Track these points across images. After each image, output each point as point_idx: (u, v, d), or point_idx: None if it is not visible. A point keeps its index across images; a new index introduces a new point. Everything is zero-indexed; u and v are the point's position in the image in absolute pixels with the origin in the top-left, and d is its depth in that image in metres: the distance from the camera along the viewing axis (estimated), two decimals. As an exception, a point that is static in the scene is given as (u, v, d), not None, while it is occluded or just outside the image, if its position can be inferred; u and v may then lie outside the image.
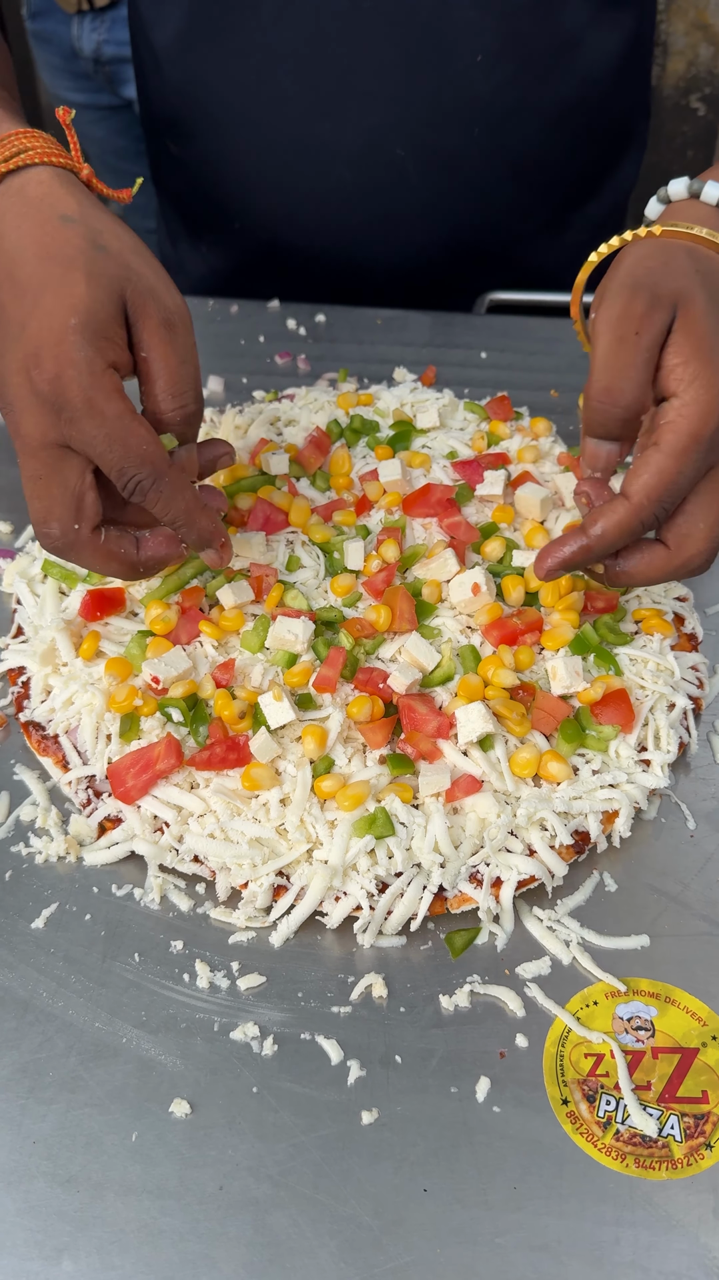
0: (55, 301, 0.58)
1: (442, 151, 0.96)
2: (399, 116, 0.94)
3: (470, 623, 0.72)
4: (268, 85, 0.95)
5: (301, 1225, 0.52)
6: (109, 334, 0.59)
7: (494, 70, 0.92)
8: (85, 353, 0.58)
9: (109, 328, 0.59)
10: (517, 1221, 0.52)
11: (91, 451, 0.59)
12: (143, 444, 0.59)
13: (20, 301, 0.59)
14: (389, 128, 0.95)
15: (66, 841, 0.64)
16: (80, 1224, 0.52)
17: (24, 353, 0.58)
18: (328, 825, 0.62)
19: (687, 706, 0.69)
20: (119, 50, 1.95)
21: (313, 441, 0.83)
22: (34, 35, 2.03)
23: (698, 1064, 0.57)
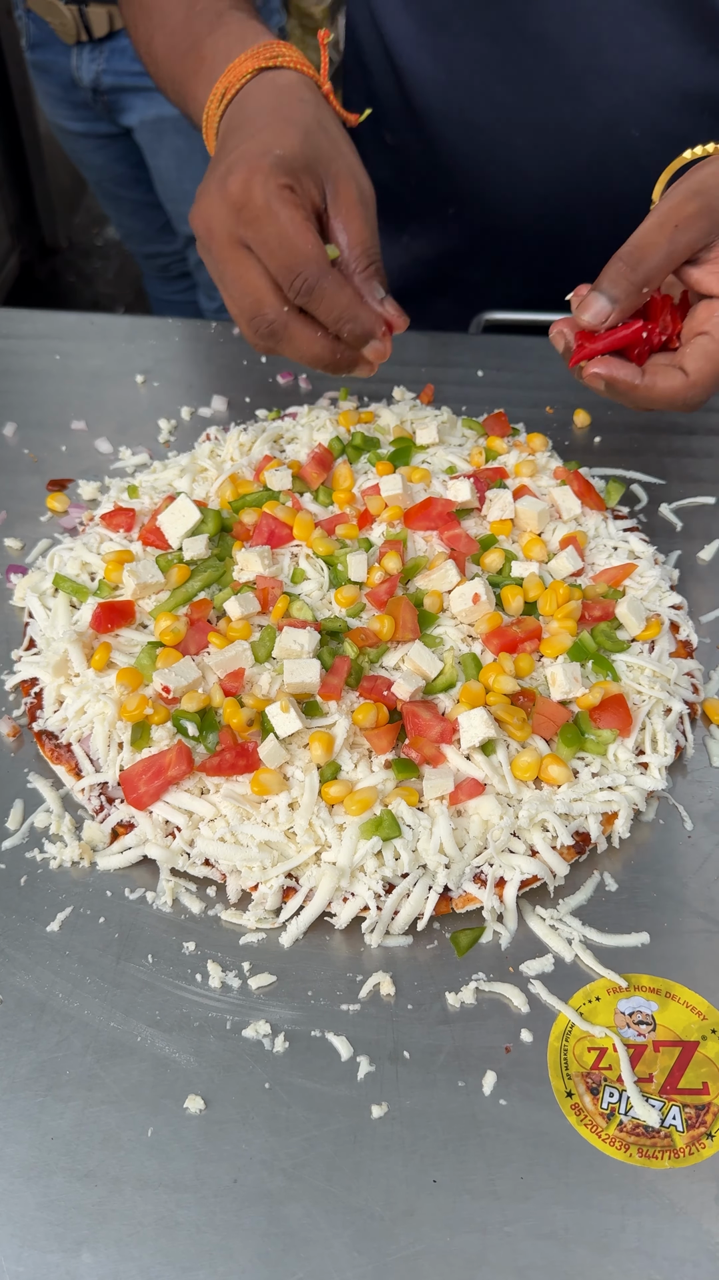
0: (268, 136, 0.69)
1: (672, 134, 0.96)
2: (639, 97, 0.97)
3: (471, 631, 0.74)
4: (512, 67, 0.98)
5: (315, 1216, 0.53)
6: (302, 176, 0.69)
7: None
8: (274, 171, 0.68)
9: (304, 173, 0.69)
10: (524, 1210, 0.53)
11: (264, 250, 0.68)
12: (308, 246, 0.68)
13: (240, 136, 0.71)
14: (628, 108, 0.98)
15: (80, 847, 0.66)
16: (99, 1217, 0.53)
17: (225, 166, 0.69)
18: (336, 828, 0.64)
19: (682, 711, 0.71)
20: (117, 80, 1.98)
21: (315, 458, 0.85)
22: (33, 65, 2.06)
23: (698, 1056, 0.58)
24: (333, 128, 0.73)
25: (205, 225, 0.71)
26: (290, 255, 0.68)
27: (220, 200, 0.69)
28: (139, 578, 0.75)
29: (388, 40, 1.04)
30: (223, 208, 0.69)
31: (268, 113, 0.72)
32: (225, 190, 0.68)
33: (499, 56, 0.98)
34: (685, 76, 0.95)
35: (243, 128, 0.72)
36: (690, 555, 0.86)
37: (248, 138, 0.70)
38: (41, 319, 1.07)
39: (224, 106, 0.76)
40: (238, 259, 0.70)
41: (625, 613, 0.74)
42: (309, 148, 0.70)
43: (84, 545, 0.80)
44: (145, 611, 0.75)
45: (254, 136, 0.70)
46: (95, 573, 0.79)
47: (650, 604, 0.77)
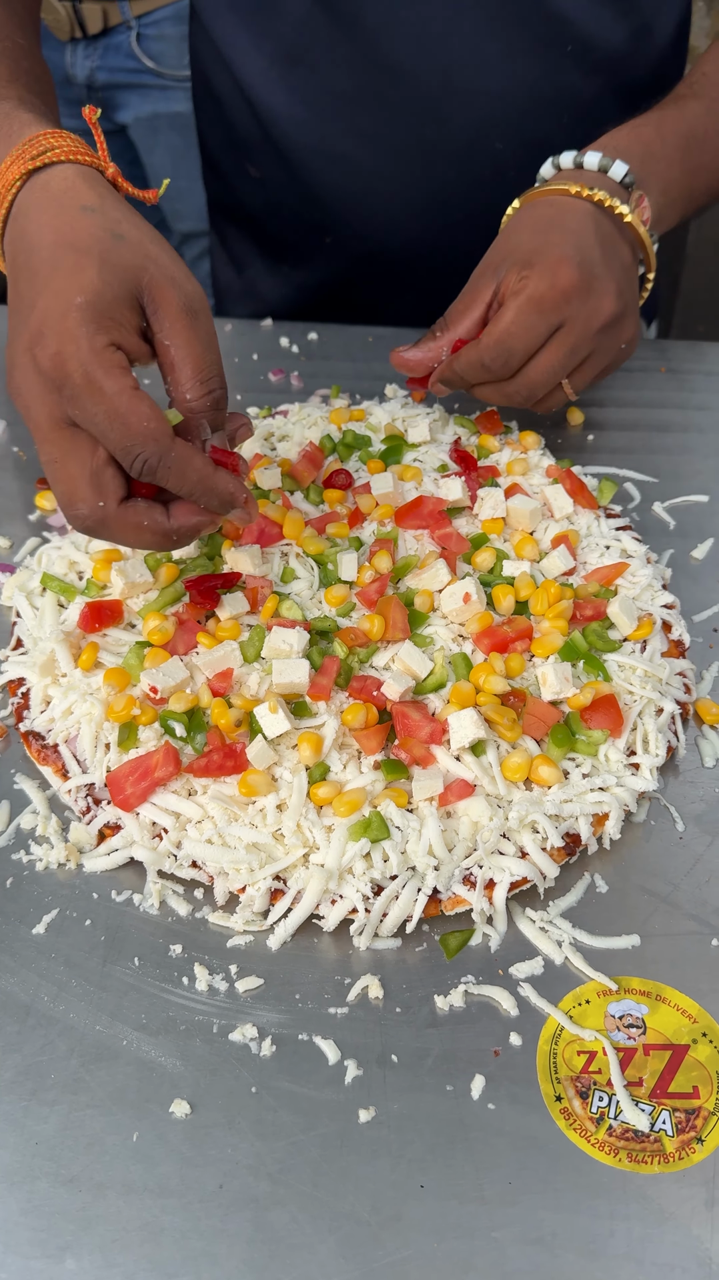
0: (65, 283, 0.59)
1: (536, 142, 0.98)
2: (499, 112, 0.98)
3: (462, 631, 0.74)
4: (373, 97, 0.97)
5: (301, 1222, 0.52)
6: (116, 315, 0.60)
7: (584, 58, 0.96)
8: (86, 329, 0.58)
9: (116, 310, 0.60)
10: (512, 1216, 0.53)
11: (95, 430, 0.60)
12: (144, 420, 0.59)
13: (33, 284, 0.60)
14: (490, 123, 0.98)
15: (66, 849, 0.65)
16: (83, 1223, 0.53)
17: (30, 332, 0.59)
18: (324, 830, 0.63)
19: (674, 711, 0.71)
20: (111, 77, 1.97)
21: (306, 456, 0.84)
22: (28, 62, 2.06)
23: (688, 1060, 0.58)
24: (132, 231, 0.62)
25: (23, 405, 0.62)
26: (124, 434, 0.59)
27: (35, 378, 0.60)
28: (127, 577, 0.74)
29: (238, 75, 1.02)
30: (38, 385, 0.60)
31: (51, 245, 0.60)
32: (38, 366, 0.59)
33: (355, 87, 0.97)
34: (542, 85, 0.96)
35: (30, 270, 0.61)
36: (683, 554, 0.85)
37: (41, 287, 0.60)
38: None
39: (2, 227, 0.65)
40: (60, 440, 0.61)
41: (617, 612, 0.73)
42: (111, 274, 0.60)
43: (72, 544, 0.80)
44: (133, 611, 0.75)
45: (47, 285, 0.59)
46: (83, 572, 0.78)
47: (643, 603, 0.76)
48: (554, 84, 0.96)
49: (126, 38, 1.93)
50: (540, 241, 0.77)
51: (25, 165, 0.63)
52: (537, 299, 0.76)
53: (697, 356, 1.04)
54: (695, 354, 1.05)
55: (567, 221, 0.78)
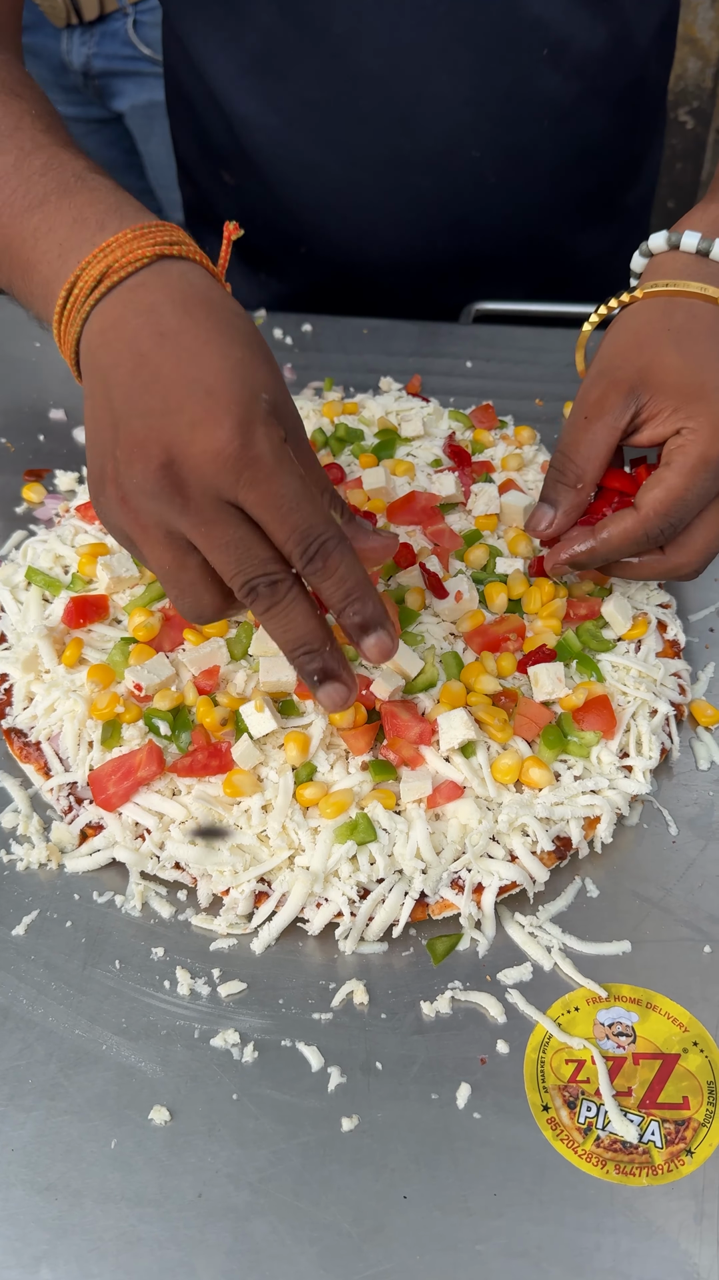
0: (247, 374, 0.54)
1: (515, 147, 0.97)
2: (475, 118, 0.95)
3: (453, 629, 0.72)
4: (344, 106, 0.95)
5: (281, 1233, 0.51)
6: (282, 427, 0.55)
7: (561, 61, 0.94)
8: (273, 420, 0.54)
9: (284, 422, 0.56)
10: (497, 1228, 0.52)
11: (271, 514, 0.54)
12: (324, 505, 0.56)
13: (196, 365, 0.54)
14: (465, 131, 0.96)
15: (48, 849, 0.64)
16: (59, 1232, 0.52)
17: (207, 411, 0.53)
18: (310, 832, 0.62)
19: (669, 713, 0.69)
20: (108, 64, 1.95)
21: (297, 450, 0.83)
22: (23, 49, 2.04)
23: (679, 1070, 0.57)
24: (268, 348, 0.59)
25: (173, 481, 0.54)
26: (311, 515, 0.54)
27: (208, 457, 0.53)
28: (113, 572, 0.73)
29: (209, 82, 0.99)
30: (212, 466, 0.53)
31: (209, 332, 0.55)
32: (215, 444, 0.53)
33: (325, 96, 0.94)
34: (519, 90, 0.94)
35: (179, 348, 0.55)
36: (680, 552, 0.84)
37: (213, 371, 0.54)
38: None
39: (101, 294, 0.57)
40: (229, 520, 0.54)
41: (612, 611, 0.72)
42: (280, 385, 0.56)
43: (58, 537, 0.78)
44: (119, 607, 0.73)
45: (219, 370, 0.54)
46: (69, 566, 0.77)
47: (638, 602, 0.75)
48: (531, 89, 0.94)
49: (123, 24, 1.91)
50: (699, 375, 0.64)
51: (156, 247, 0.57)
52: (712, 460, 0.64)
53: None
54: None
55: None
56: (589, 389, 0.66)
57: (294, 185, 1.02)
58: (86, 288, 0.57)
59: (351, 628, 0.57)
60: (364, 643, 0.57)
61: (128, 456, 0.55)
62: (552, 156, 0.99)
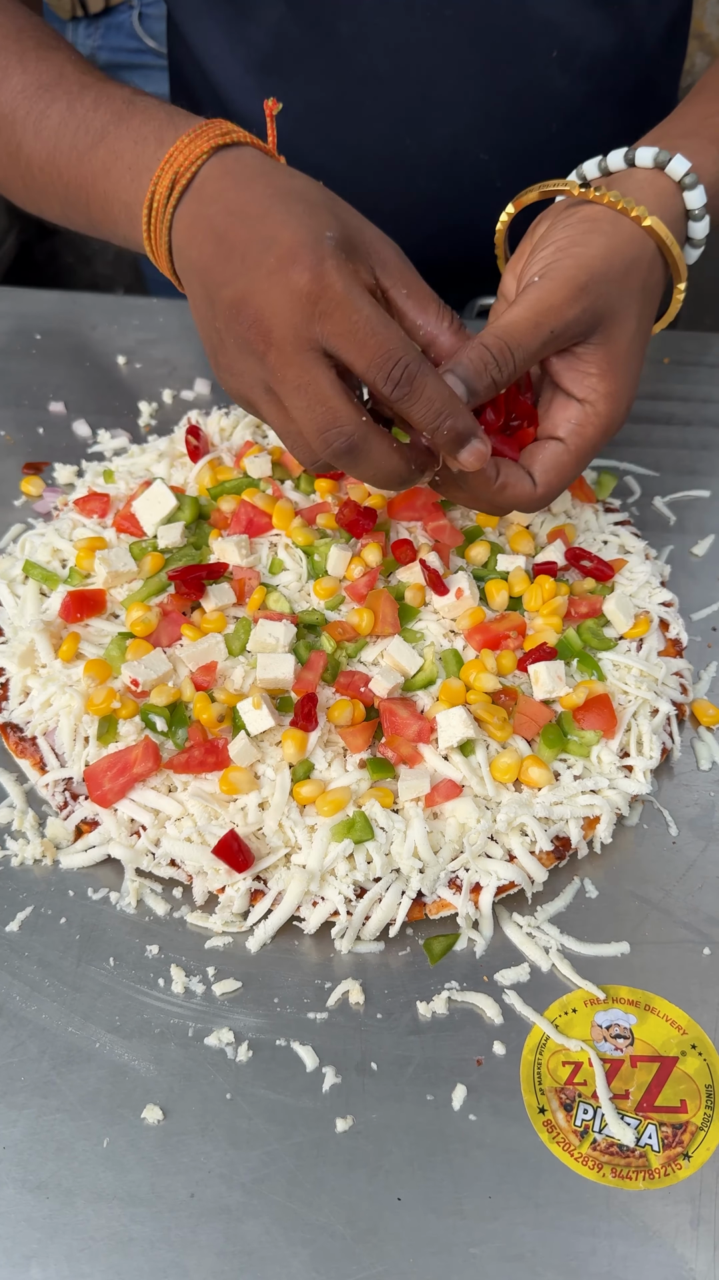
0: (308, 219, 0.59)
1: (523, 151, 0.96)
2: (482, 121, 0.94)
3: (453, 627, 0.72)
4: (349, 108, 0.94)
5: (274, 1234, 0.51)
6: (356, 256, 0.61)
7: (570, 63, 0.93)
8: (342, 255, 0.59)
9: (356, 253, 0.61)
10: (492, 1231, 0.51)
11: (351, 343, 0.58)
12: (399, 332, 0.59)
13: (264, 224, 0.60)
14: (473, 133, 0.95)
15: (43, 844, 0.64)
16: (50, 1231, 0.51)
17: (277, 257, 0.58)
18: (307, 829, 0.61)
19: (670, 712, 0.69)
20: (113, 57, 1.95)
21: (298, 444, 0.82)
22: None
23: (677, 1073, 0.56)
24: (340, 200, 0.64)
25: (260, 329, 0.59)
26: (385, 344, 0.58)
27: (284, 296, 0.58)
28: (111, 566, 0.72)
29: (215, 82, 0.99)
30: (288, 304, 0.58)
31: (272, 195, 0.61)
32: (289, 284, 0.58)
33: (331, 98, 0.94)
34: (527, 92, 0.93)
35: (251, 216, 0.60)
36: (683, 550, 0.83)
37: (278, 226, 0.59)
38: (22, 297, 1.04)
39: (177, 199, 0.63)
40: (305, 363, 0.59)
41: (613, 609, 0.71)
42: (343, 224, 0.61)
43: (56, 531, 0.78)
44: (117, 601, 0.73)
45: (285, 223, 0.59)
46: (67, 559, 0.76)
47: (640, 600, 0.75)
48: (540, 90, 0.93)
49: (128, 17, 1.91)
50: (633, 349, 0.66)
51: (212, 140, 0.63)
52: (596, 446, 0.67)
53: (701, 348, 1.02)
54: (700, 345, 1.03)
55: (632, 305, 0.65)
56: (565, 303, 0.63)
57: None
58: (162, 198, 0.64)
59: (446, 442, 0.60)
60: (460, 455, 0.61)
61: (225, 322, 0.61)
62: (560, 158, 0.98)
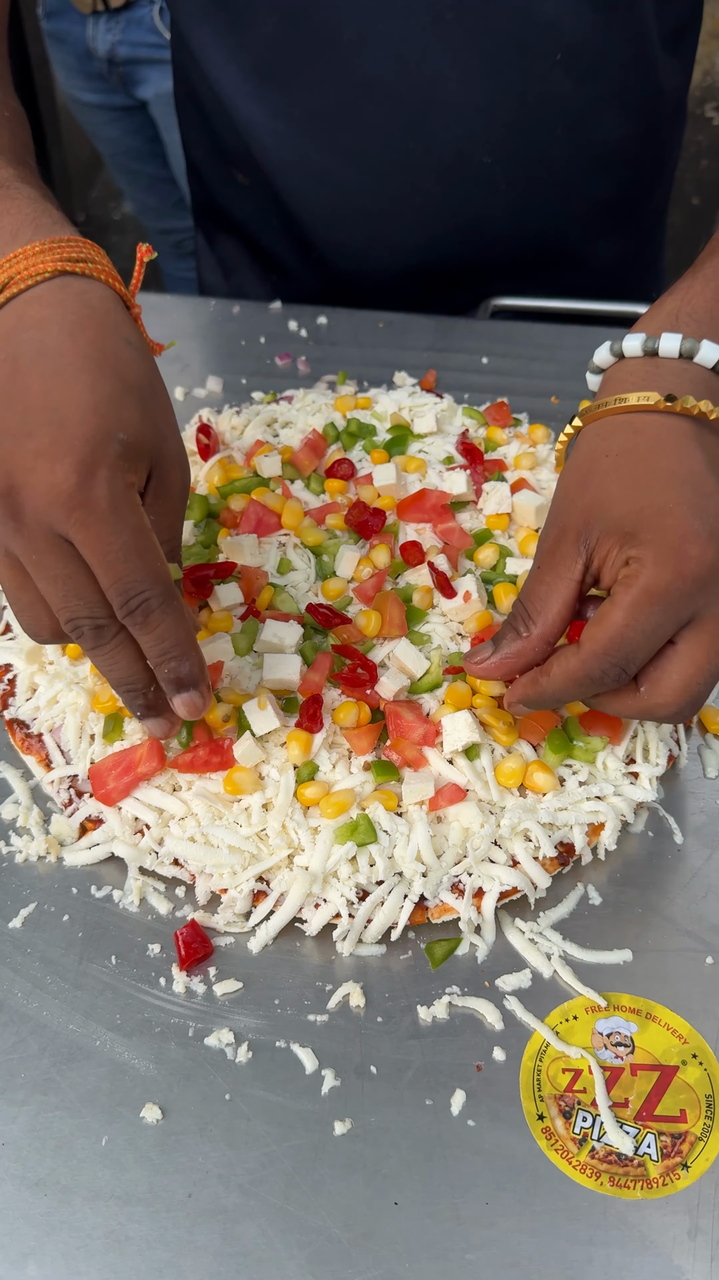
0: (108, 410, 0.54)
1: (528, 154, 0.96)
2: (486, 125, 0.94)
3: (461, 630, 0.72)
4: (351, 113, 0.93)
5: (270, 1236, 0.51)
6: (139, 467, 0.55)
7: (575, 66, 0.92)
8: (123, 464, 0.54)
9: (142, 464, 0.56)
10: (488, 1238, 0.51)
11: (97, 559, 0.53)
12: (158, 561, 0.55)
13: (59, 392, 0.54)
14: (477, 137, 0.94)
15: (47, 841, 0.64)
16: (47, 1228, 0.51)
17: (52, 440, 0.53)
18: (310, 831, 0.61)
19: (677, 719, 0.68)
20: (133, 51, 1.95)
21: (308, 444, 0.82)
22: (49, 35, 2.04)
23: (677, 1082, 0.56)
24: (160, 389, 0.58)
25: (10, 503, 0.53)
26: (137, 569, 0.53)
27: (44, 486, 0.52)
28: (119, 564, 0.72)
29: (217, 88, 0.98)
30: (45, 496, 0.52)
31: (85, 358, 0.54)
32: (53, 477, 0.52)
33: (333, 104, 0.93)
34: (531, 96, 0.92)
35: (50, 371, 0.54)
36: (694, 556, 0.83)
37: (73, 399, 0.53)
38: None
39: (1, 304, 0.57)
40: (61, 554, 0.54)
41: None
42: (146, 427, 0.55)
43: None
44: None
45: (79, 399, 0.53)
46: (76, 557, 0.76)
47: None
48: (544, 94, 0.92)
49: (148, 11, 1.91)
50: (641, 500, 0.56)
51: (60, 263, 0.57)
52: (658, 593, 0.54)
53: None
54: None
55: (666, 462, 0.56)
56: (544, 536, 0.60)
57: (303, 191, 1.00)
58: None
59: (166, 683, 0.58)
60: (176, 699, 0.59)
61: None
62: (565, 163, 0.98)
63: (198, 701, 0.59)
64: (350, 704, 0.65)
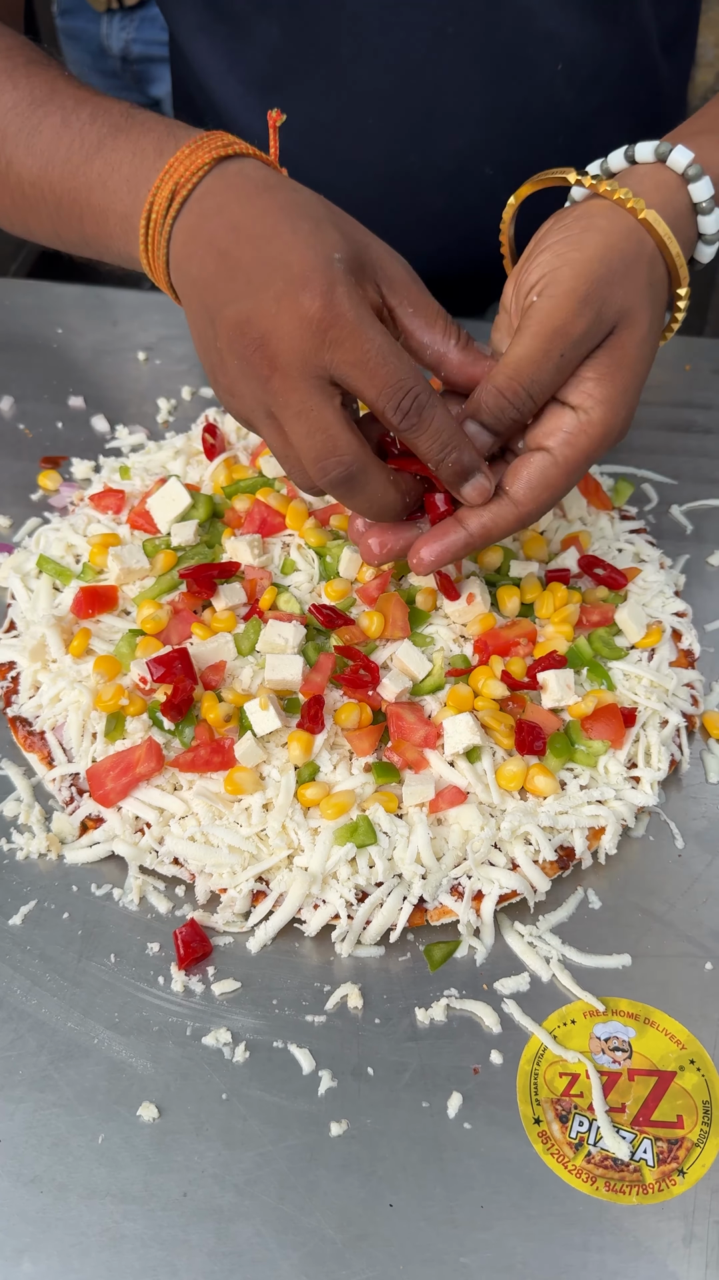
0: (315, 240, 0.57)
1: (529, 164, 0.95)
2: (487, 136, 0.94)
3: (464, 632, 0.72)
4: (352, 125, 0.93)
5: (265, 1236, 0.51)
6: (364, 277, 0.59)
7: (576, 76, 0.92)
8: (352, 279, 0.57)
9: (364, 273, 0.59)
10: (483, 1241, 0.51)
11: (360, 371, 0.56)
12: (410, 362, 0.58)
13: (270, 245, 0.58)
14: (477, 149, 0.94)
15: (48, 839, 0.64)
16: (42, 1225, 0.51)
17: (286, 280, 0.56)
18: (310, 832, 0.61)
19: (679, 724, 0.68)
20: (147, 50, 1.95)
21: (314, 445, 0.82)
22: (63, 32, 2.04)
23: (674, 1088, 0.56)
24: (336, 210, 0.61)
25: (265, 353, 0.57)
26: (395, 373, 0.57)
27: (293, 322, 0.56)
28: (123, 562, 0.72)
29: (216, 100, 0.98)
30: (297, 331, 0.56)
31: (276, 212, 0.59)
32: (299, 310, 0.56)
33: (334, 116, 0.93)
34: (533, 107, 0.92)
35: (255, 236, 0.58)
36: (699, 560, 0.83)
37: (285, 249, 0.57)
38: (45, 290, 1.05)
39: (176, 211, 0.61)
40: (309, 390, 0.57)
41: (625, 618, 0.71)
42: (350, 242, 0.58)
43: (70, 526, 0.78)
44: (129, 598, 0.73)
45: (291, 245, 0.57)
46: (81, 555, 0.77)
47: (653, 610, 0.74)
48: (545, 104, 0.92)
49: (161, 10, 1.91)
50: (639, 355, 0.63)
51: (214, 152, 0.61)
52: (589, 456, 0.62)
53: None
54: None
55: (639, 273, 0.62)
56: (571, 317, 0.60)
57: None
58: (161, 210, 0.61)
59: (450, 476, 0.60)
60: (463, 489, 0.60)
61: (228, 343, 0.59)
62: None
63: (484, 484, 0.61)
64: (352, 705, 0.65)
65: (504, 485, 0.62)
